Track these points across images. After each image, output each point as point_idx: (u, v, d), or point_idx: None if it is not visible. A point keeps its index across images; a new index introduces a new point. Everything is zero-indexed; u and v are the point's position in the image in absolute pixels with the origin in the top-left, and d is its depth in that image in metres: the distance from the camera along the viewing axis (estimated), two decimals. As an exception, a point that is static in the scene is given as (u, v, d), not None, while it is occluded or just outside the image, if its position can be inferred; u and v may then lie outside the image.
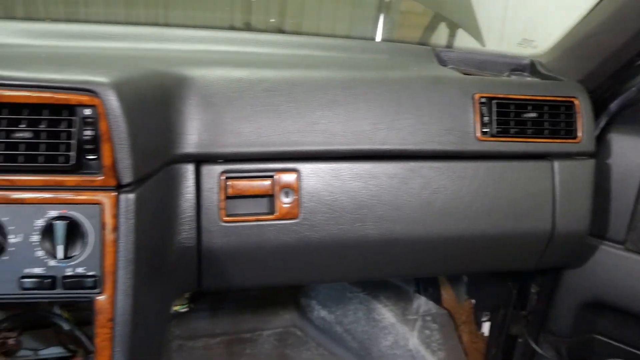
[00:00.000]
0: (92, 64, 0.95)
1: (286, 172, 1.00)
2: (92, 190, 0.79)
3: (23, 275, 0.79)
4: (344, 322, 1.85)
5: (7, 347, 1.05)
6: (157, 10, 1.89)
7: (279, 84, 1.01)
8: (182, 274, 1.00)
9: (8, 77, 0.74)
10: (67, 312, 1.07)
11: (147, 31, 1.20)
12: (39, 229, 0.78)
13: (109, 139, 0.77)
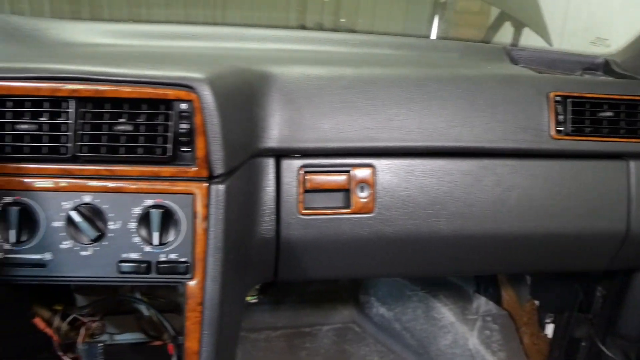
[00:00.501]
0: (184, 61, 0.99)
1: (362, 168, 1.03)
2: (185, 180, 0.84)
3: (121, 260, 0.84)
4: (402, 320, 1.86)
5: (92, 330, 1.11)
6: (234, 11, 1.95)
7: (356, 82, 1.03)
8: (261, 265, 1.03)
9: (112, 74, 0.79)
10: (147, 299, 1.13)
11: (225, 31, 1.25)
12: (136, 216, 0.83)
13: (203, 132, 0.81)
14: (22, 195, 0.82)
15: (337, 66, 1.08)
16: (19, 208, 0.82)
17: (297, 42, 1.29)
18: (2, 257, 0.83)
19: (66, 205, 0.83)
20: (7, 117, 0.80)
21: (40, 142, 0.81)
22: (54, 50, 1.07)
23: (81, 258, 0.83)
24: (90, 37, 1.15)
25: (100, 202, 0.83)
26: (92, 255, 0.84)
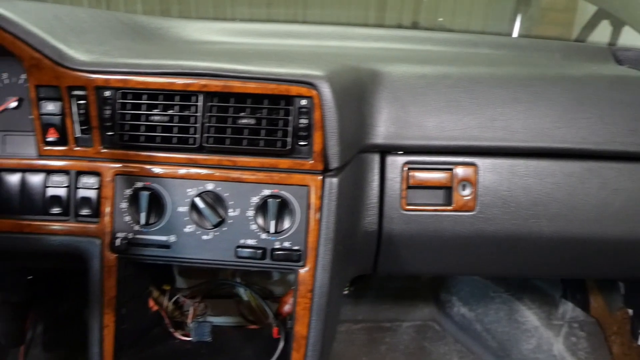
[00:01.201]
0: (299, 59, 1.04)
1: (465, 166, 1.04)
2: (301, 173, 0.88)
3: (238, 245, 0.89)
4: (484, 321, 1.85)
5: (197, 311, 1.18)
6: (314, 10, 1.99)
7: (461, 81, 1.04)
8: (362, 257, 1.07)
9: (240, 71, 0.85)
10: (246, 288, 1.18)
11: (329, 30, 1.29)
12: (254, 205, 0.89)
13: (321, 128, 0.85)
14: (151, 182, 0.89)
15: (441, 65, 1.09)
16: (148, 193, 0.89)
17: (395, 41, 1.31)
18: (132, 237, 0.91)
19: (191, 192, 0.89)
20: (142, 109, 0.87)
21: (170, 132, 0.87)
22: (178, 47, 1.15)
23: (202, 242, 0.90)
24: (205, 35, 1.22)
25: (221, 190, 0.89)
26: (212, 239, 0.90)
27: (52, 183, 0.91)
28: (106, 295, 0.93)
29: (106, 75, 0.86)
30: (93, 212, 0.91)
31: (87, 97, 0.88)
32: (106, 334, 0.94)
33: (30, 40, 0.85)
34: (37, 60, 0.86)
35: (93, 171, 0.91)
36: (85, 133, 0.90)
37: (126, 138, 0.88)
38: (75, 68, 0.86)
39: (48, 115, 0.89)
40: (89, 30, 0.98)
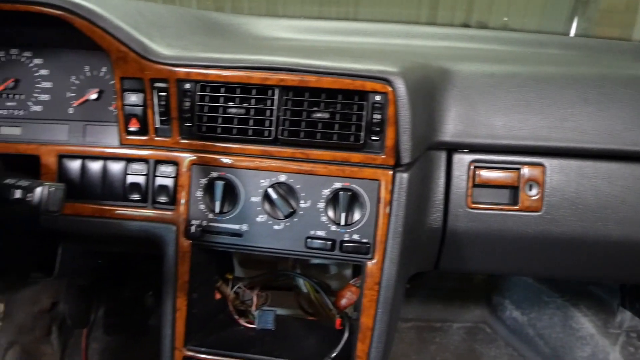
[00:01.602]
0: (370, 56, 1.06)
1: (532, 166, 1.03)
2: (372, 167, 0.90)
3: (309, 236, 0.91)
4: (537, 326, 1.83)
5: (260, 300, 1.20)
6: (365, 9, 2.00)
7: (530, 80, 1.04)
8: (424, 253, 1.08)
9: (317, 66, 0.87)
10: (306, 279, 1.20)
11: (395, 28, 1.30)
12: (325, 197, 0.91)
13: (394, 123, 0.87)
14: (226, 172, 0.93)
15: (509, 64, 1.09)
16: (223, 183, 0.92)
17: (461, 40, 1.31)
18: (206, 225, 0.94)
19: (264, 183, 0.92)
20: (219, 102, 0.91)
21: (246, 125, 0.90)
22: (250, 42, 1.18)
23: (274, 231, 0.92)
24: (273, 32, 1.25)
25: (293, 182, 0.91)
26: (283, 229, 0.92)
27: (132, 171, 0.96)
28: (180, 280, 0.96)
29: (187, 68, 0.90)
30: (170, 199, 0.95)
31: (168, 89, 0.91)
32: (178, 317, 0.98)
33: (118, 35, 0.89)
34: (123, 53, 0.90)
35: (171, 160, 0.95)
36: (164, 124, 0.94)
37: (204, 129, 0.92)
38: (159, 61, 0.90)
39: (131, 106, 0.94)
40: (168, 26, 1.03)
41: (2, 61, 1.09)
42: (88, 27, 0.89)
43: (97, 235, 1.03)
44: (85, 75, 1.05)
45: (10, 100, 1.09)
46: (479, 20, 2.05)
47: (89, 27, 0.89)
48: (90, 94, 1.05)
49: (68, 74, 1.06)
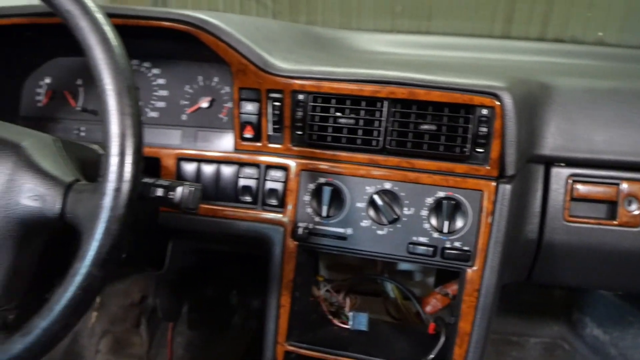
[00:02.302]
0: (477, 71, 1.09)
1: (632, 182, 1.04)
2: (476, 178, 0.93)
3: (411, 242, 0.96)
4: (619, 345, 1.79)
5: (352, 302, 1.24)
6: (439, 22, 2.02)
7: (631, 96, 1.05)
8: (519, 264, 1.10)
9: (426, 80, 0.91)
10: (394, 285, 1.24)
11: (490, 43, 1.33)
12: (428, 205, 0.95)
13: (500, 136, 0.90)
14: (334, 178, 0.98)
15: (609, 79, 1.10)
16: (331, 188, 0.98)
17: (556, 55, 1.33)
18: (312, 228, 1.00)
19: (369, 190, 0.97)
20: (330, 112, 0.97)
21: (355, 134, 0.96)
22: (354, 56, 1.24)
23: (377, 236, 0.97)
24: (373, 46, 1.31)
25: (398, 189, 0.96)
26: (386, 235, 0.97)
27: (244, 174, 1.03)
28: (285, 278, 1.03)
29: (302, 80, 0.96)
30: (279, 202, 1.01)
31: (282, 99, 0.98)
32: (282, 313, 1.04)
33: (240, 49, 0.97)
34: (244, 66, 0.98)
35: (281, 166, 1.01)
36: (276, 131, 1.01)
37: (314, 137, 0.98)
38: (276, 74, 0.97)
39: (246, 114, 1.01)
40: (280, 40, 1.10)
41: None
42: (213, 41, 0.97)
43: (208, 234, 1.11)
44: (199, 84, 1.14)
45: None
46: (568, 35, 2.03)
47: (214, 41, 0.97)
48: (202, 102, 1.13)
49: (183, 84, 1.15)
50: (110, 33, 0.66)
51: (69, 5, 0.66)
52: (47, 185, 0.67)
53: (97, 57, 0.64)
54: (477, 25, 2.13)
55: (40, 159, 0.70)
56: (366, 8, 1.75)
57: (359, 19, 1.97)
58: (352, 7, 1.75)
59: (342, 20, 1.80)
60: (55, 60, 1.24)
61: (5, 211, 0.67)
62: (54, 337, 0.63)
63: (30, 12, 1.04)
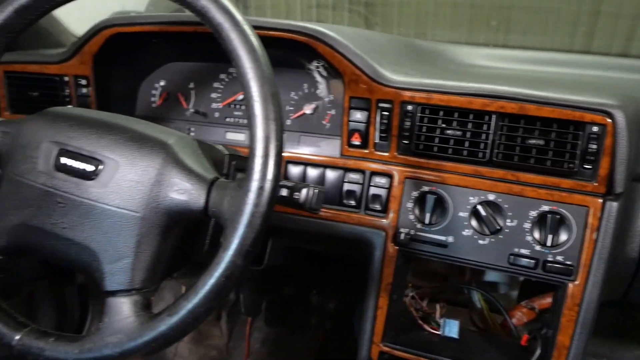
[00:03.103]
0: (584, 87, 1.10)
1: None
2: (582, 194, 0.94)
3: (512, 253, 0.98)
4: None
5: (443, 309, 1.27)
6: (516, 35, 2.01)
7: None
8: (617, 282, 1.09)
9: (537, 96, 0.94)
10: (482, 296, 1.26)
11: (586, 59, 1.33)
12: (532, 218, 0.97)
13: (610, 154, 0.91)
14: (437, 187, 1.02)
15: None
16: (434, 197, 1.01)
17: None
18: (414, 234, 1.04)
19: (473, 200, 1.00)
20: (437, 123, 1.00)
21: (461, 146, 0.99)
22: (455, 68, 1.28)
23: (478, 246, 1.00)
24: (473, 59, 1.34)
25: (502, 201, 0.98)
26: (487, 245, 0.99)
27: (349, 179, 1.08)
28: (384, 281, 1.07)
29: (413, 92, 1.00)
30: (382, 208, 1.06)
31: (391, 109, 1.03)
32: (379, 314, 1.08)
33: (355, 60, 1.02)
34: (357, 76, 1.03)
35: (385, 173, 1.06)
36: (383, 140, 1.05)
37: (420, 147, 1.02)
38: (387, 84, 1.02)
39: (355, 122, 1.06)
40: (389, 52, 1.14)
41: (235, 76, 1.27)
42: (329, 52, 1.03)
43: (310, 234, 1.17)
44: (304, 92, 1.20)
45: (238, 110, 1.27)
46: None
47: (330, 52, 1.03)
48: (307, 108, 1.19)
49: (289, 90, 1.21)
50: (257, 44, 0.72)
51: (220, 18, 0.72)
52: (192, 181, 0.74)
53: (246, 66, 0.71)
54: (557, 39, 2.11)
55: (185, 157, 0.77)
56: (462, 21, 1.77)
57: (434, 29, 1.99)
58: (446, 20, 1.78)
59: (417, 31, 1.83)
60: (170, 64, 1.33)
61: (155, 202, 0.74)
62: (197, 318, 0.70)
63: (161, 20, 1.13)
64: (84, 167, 0.76)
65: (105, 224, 0.74)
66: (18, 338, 0.76)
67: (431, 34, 1.96)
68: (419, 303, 1.32)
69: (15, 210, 0.80)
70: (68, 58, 1.25)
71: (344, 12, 1.82)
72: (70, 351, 0.72)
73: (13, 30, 0.85)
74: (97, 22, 1.17)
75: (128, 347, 0.70)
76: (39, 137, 0.80)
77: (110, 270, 0.74)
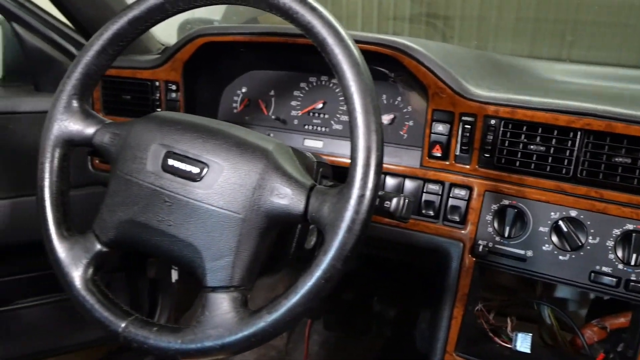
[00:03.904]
0: None
1: None
2: None
3: (594, 271, 0.98)
4: None
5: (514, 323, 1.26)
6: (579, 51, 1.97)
7: None
8: None
9: (625, 114, 0.94)
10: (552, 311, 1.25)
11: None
12: (615, 236, 0.96)
13: None
14: (518, 201, 1.03)
15: None
16: (515, 210, 1.02)
17: None
18: (492, 247, 1.05)
19: (554, 216, 1.00)
20: (520, 138, 1.01)
21: (544, 161, 1.00)
22: (536, 84, 1.28)
23: (558, 261, 1.00)
24: (551, 74, 1.34)
25: (584, 218, 0.98)
26: (568, 261, 1.00)
27: (428, 190, 1.10)
28: (460, 292, 1.08)
29: (497, 107, 1.02)
30: (460, 219, 1.07)
31: (474, 123, 1.04)
32: (453, 324, 1.10)
33: (440, 73, 1.05)
34: (441, 89, 1.05)
35: (465, 185, 1.07)
36: (463, 152, 1.07)
37: (502, 161, 1.03)
38: (471, 99, 1.04)
39: (437, 134, 1.08)
40: (471, 67, 1.16)
41: (315, 85, 1.31)
42: (414, 65, 1.06)
43: (387, 242, 1.19)
44: (382, 103, 1.23)
45: (317, 118, 1.31)
46: None
47: (415, 65, 1.06)
48: (385, 119, 1.22)
49: None
50: (360, 59, 0.75)
51: (325, 34, 0.76)
52: (292, 186, 0.78)
53: (349, 79, 0.74)
54: (623, 55, 2.06)
55: (284, 163, 0.81)
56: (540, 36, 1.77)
57: (496, 41, 1.98)
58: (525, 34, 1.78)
59: (513, 47, 1.82)
60: (252, 72, 1.39)
61: (256, 205, 0.78)
62: (296, 316, 0.73)
63: (252, 32, 1.18)
64: (190, 169, 0.81)
65: (208, 224, 0.79)
66: (124, 326, 0.81)
67: (510, 48, 1.94)
68: (486, 315, 1.32)
69: (124, 206, 0.85)
70: (160, 64, 1.32)
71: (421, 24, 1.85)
72: (173, 341, 0.77)
73: (125, 39, 0.91)
74: (191, 32, 1.24)
75: (228, 340, 0.75)
76: (148, 139, 0.86)
77: (211, 267, 0.79)
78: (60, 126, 0.91)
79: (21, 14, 1.47)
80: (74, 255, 0.87)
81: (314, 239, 1.02)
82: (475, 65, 1.21)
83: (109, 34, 0.90)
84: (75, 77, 0.91)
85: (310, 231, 1.00)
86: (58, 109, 0.91)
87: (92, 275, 0.87)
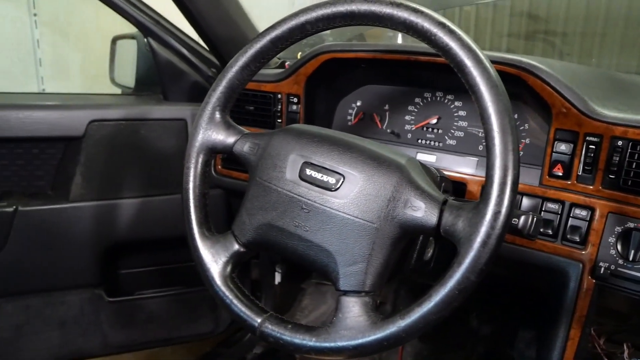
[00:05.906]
0: None
1: None
2: None
3: None
4: None
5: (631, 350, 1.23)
6: None
7: None
8: None
9: None
10: None
11: None
12: None
13: None
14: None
15: None
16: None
17: None
18: (615, 270, 1.03)
19: None
20: None
21: None
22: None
23: None
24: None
25: None
26: None
27: (547, 208, 1.10)
28: (577, 313, 1.07)
29: (625, 128, 1.01)
30: (580, 239, 1.06)
31: (599, 143, 1.03)
32: (569, 346, 1.09)
33: (565, 93, 1.05)
34: (566, 109, 1.05)
35: (587, 205, 1.06)
36: (587, 172, 1.06)
37: (629, 183, 1.01)
38: (597, 119, 1.03)
39: (559, 154, 1.08)
40: (595, 86, 1.15)
41: (429, 101, 1.35)
42: (539, 85, 1.06)
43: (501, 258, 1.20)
44: None
45: (431, 133, 1.34)
46: None
47: (540, 84, 1.06)
48: None
49: None
50: (498, 81, 0.78)
51: (463, 56, 0.79)
52: (425, 200, 0.82)
53: (488, 100, 0.77)
54: None
55: (416, 177, 0.85)
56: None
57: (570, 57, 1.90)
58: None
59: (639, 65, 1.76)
60: (367, 86, 1.44)
61: (390, 216, 0.83)
62: (427, 323, 0.77)
63: (375, 49, 1.24)
64: (327, 179, 0.87)
65: (344, 231, 0.84)
66: (260, 321, 0.88)
67: (636, 65, 1.86)
68: (596, 340, 1.30)
69: (263, 211, 0.92)
70: (284, 78, 1.40)
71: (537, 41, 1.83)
72: (307, 339, 0.83)
73: (266, 57, 0.99)
74: (316, 47, 1.31)
75: (361, 342, 0.79)
76: (287, 149, 0.92)
77: (345, 272, 0.84)
78: (204, 135, 1.00)
79: (156, 30, 1.61)
80: (215, 253, 0.95)
81: (430, 251, 1.06)
82: (600, 84, 1.19)
83: (253, 52, 0.97)
84: (219, 90, 0.99)
85: (429, 243, 1.04)
86: (203, 119, 1.00)
87: (230, 273, 0.95)
